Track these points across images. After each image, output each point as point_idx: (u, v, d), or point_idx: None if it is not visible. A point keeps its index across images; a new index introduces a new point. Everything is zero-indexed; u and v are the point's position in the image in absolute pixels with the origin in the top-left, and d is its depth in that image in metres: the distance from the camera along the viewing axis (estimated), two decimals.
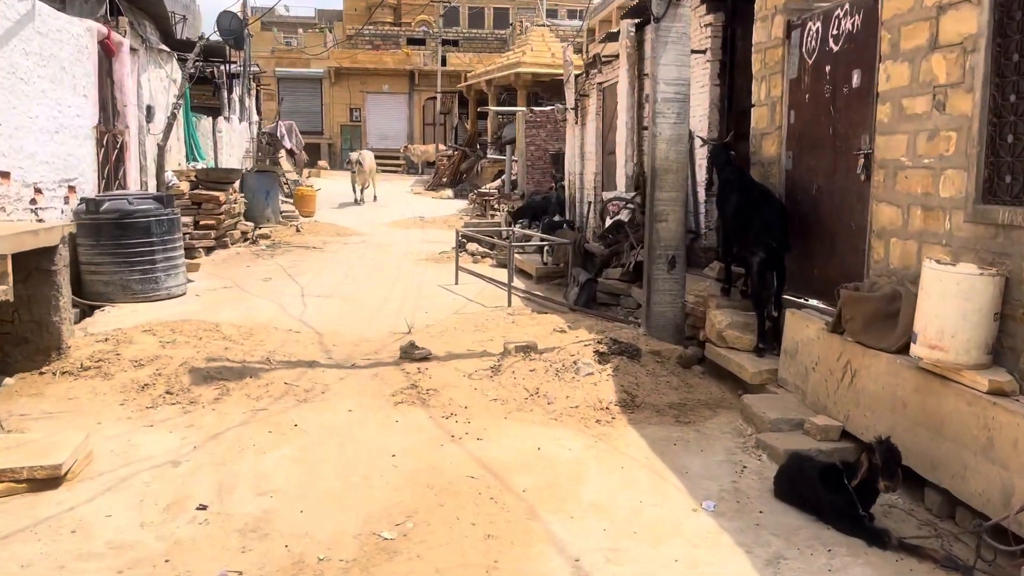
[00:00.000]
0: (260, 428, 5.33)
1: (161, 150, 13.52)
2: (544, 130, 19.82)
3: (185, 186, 14.04)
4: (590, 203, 12.95)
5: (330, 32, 43.81)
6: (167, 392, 5.88)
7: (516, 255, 12.05)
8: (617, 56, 11.36)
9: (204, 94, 19.29)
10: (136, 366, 6.26)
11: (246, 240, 15.38)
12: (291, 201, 21.00)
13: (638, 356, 6.27)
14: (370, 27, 43.38)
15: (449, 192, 28.10)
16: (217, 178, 14.50)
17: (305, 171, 29.46)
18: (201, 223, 13.67)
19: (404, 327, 8.26)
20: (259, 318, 8.63)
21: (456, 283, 11.17)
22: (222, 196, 14.03)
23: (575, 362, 6.18)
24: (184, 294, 10.06)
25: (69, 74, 9.58)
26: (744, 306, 6.48)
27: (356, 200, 22.32)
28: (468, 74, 33.02)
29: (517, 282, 11.34)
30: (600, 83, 12.63)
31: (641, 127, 10.69)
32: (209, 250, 13.65)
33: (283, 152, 26.07)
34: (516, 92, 27.46)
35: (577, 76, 13.37)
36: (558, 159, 17.76)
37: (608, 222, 10.22)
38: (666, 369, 6.25)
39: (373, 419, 5.54)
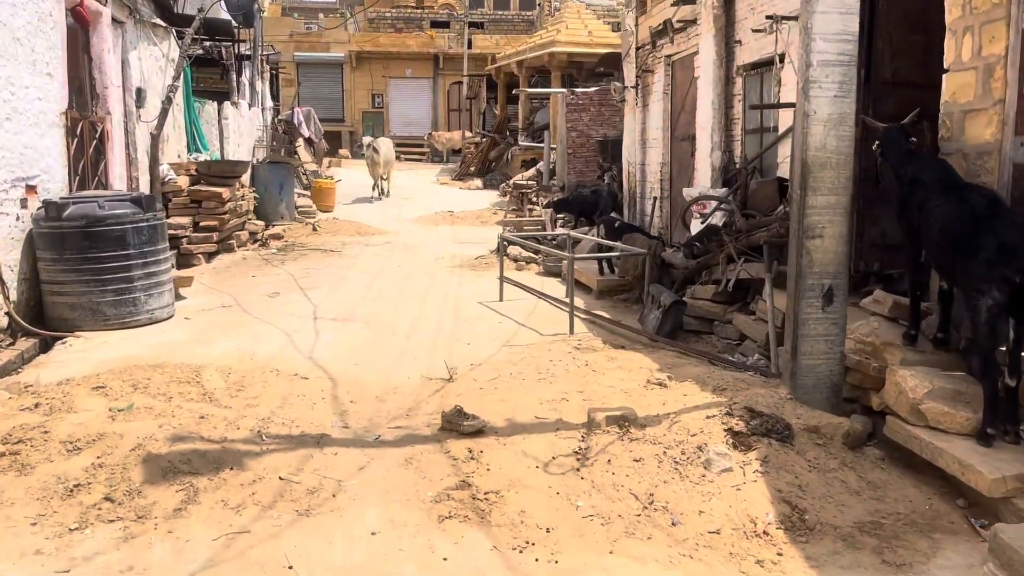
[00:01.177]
0: (236, 573, 3.43)
1: (155, 140, 11.66)
2: (587, 114, 17.78)
3: (184, 181, 12.19)
4: (655, 198, 10.95)
5: (351, 15, 41.93)
6: (106, 499, 3.99)
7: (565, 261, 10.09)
8: (695, 21, 9.32)
9: (211, 77, 17.45)
10: (70, 451, 4.39)
11: (255, 242, 13.54)
12: (309, 194, 19.17)
13: (790, 437, 4.31)
14: (392, 10, 41.49)
15: (478, 182, 26.15)
16: (221, 171, 12.65)
17: (325, 161, 27.61)
18: (202, 224, 11.82)
19: (441, 368, 6.35)
20: (259, 355, 6.74)
21: (500, 299, 9.22)
22: (226, 192, 12.17)
23: (700, 447, 4.23)
24: (170, 317, 8.21)
25: (26, 47, 7.70)
26: (943, 361, 4.48)
27: (375, 196, 20.19)
28: (496, 56, 30.97)
29: (577, 298, 9.37)
30: (670, 55, 10.58)
31: (730, 107, 8.66)
32: (211, 255, 11.81)
33: (301, 141, 24.22)
34: (550, 74, 25.38)
35: (638, 49, 11.34)
36: (606, 146, 15.73)
37: (694, 226, 8.21)
38: (833, 457, 4.28)
39: (409, 552, 3.62)
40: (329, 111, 36.81)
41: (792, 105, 6.96)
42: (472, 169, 28.38)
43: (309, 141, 25.16)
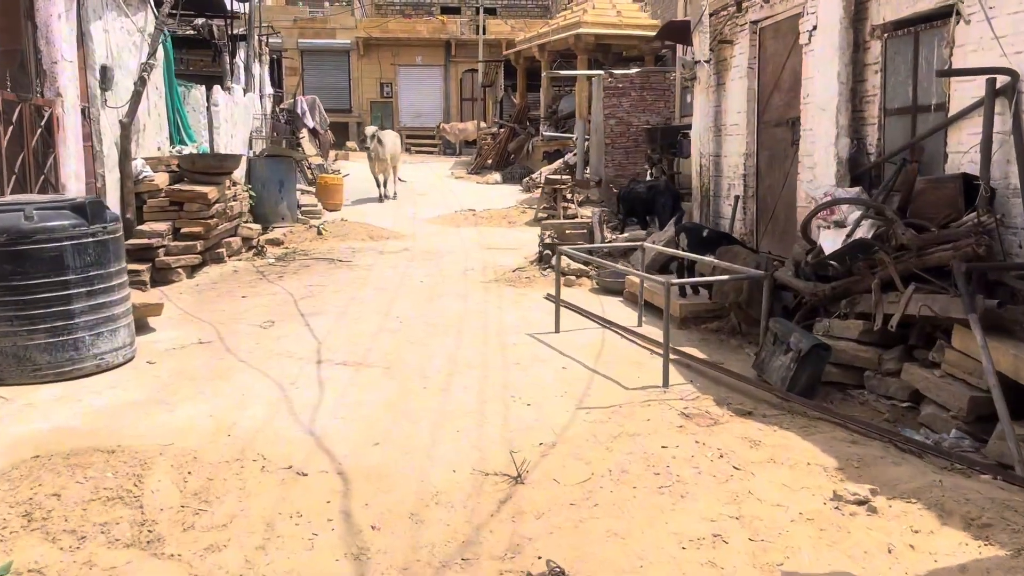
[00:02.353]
0: None
1: (126, 129, 9.68)
2: (627, 99, 15.72)
3: (162, 179, 10.20)
4: (737, 198, 8.89)
5: (358, 2, 39.86)
6: None
7: (634, 277, 8.09)
8: None
9: (202, 59, 15.46)
10: None
11: (250, 249, 11.54)
12: (313, 191, 17.17)
13: None
14: None
15: (496, 176, 24.10)
16: (207, 167, 10.65)
17: (331, 154, 25.60)
18: (183, 231, 9.83)
19: (498, 447, 4.37)
20: (239, 427, 4.77)
21: (556, 330, 7.20)
22: (213, 192, 10.18)
23: None
24: (128, 361, 6.23)
25: None
26: None
27: (381, 196, 17.77)
28: (516, 40, 28.88)
29: (649, 326, 7.35)
30: (757, 21, 8.51)
31: (860, 80, 6.60)
32: (194, 269, 9.81)
33: (305, 132, 22.18)
34: (575, 59, 23.31)
35: (712, 16, 9.25)
36: (655, 135, 13.67)
37: (824, 237, 6.17)
38: None
39: None
40: (335, 101, 34.79)
41: (1004, 71, 4.91)
42: (489, 162, 26.34)
43: (314, 132, 23.13)
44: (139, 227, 9.55)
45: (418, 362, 6.28)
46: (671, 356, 6.36)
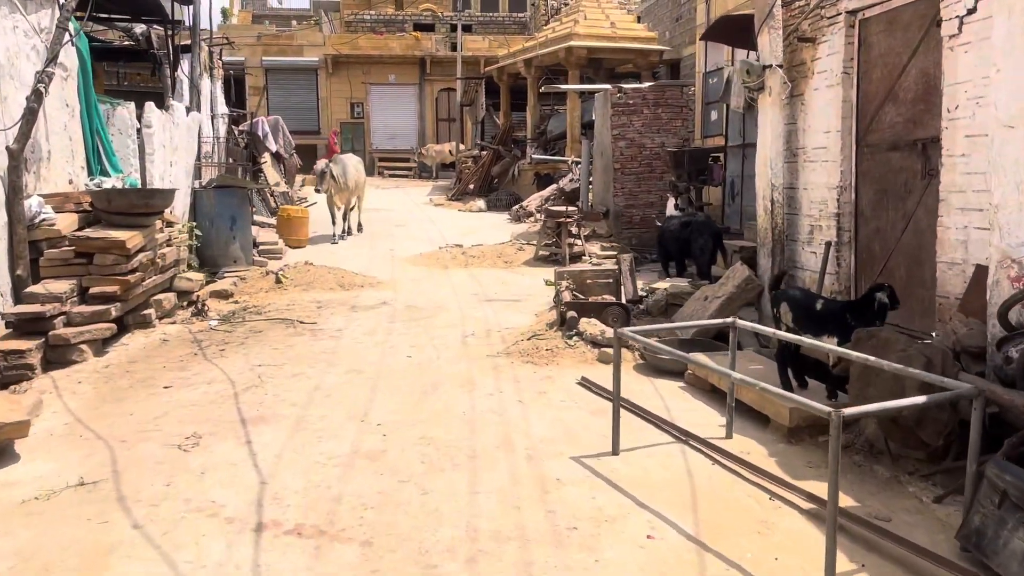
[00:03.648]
0: None
1: (14, 157, 7.34)
2: (639, 117, 13.57)
3: (67, 222, 7.84)
4: (829, 244, 6.70)
5: (326, 18, 37.68)
6: None
7: (705, 362, 5.91)
8: None
9: (139, 73, 13.08)
10: None
11: (189, 305, 9.17)
12: (274, 224, 14.82)
13: None
14: (371, 12, 37.28)
15: (480, 203, 21.87)
16: (129, 206, 8.28)
17: (297, 179, 23.25)
18: (93, 292, 7.46)
19: None
20: None
21: (615, 452, 4.91)
22: (135, 238, 7.82)
23: None
24: None
25: None
26: None
27: (340, 232, 15.01)
28: (498, 56, 26.77)
29: (743, 437, 5.12)
30: (858, 10, 6.37)
31: None
32: (107, 342, 7.43)
33: (267, 157, 19.80)
34: (565, 74, 21.23)
35: (784, 5, 7.11)
36: (681, 160, 11.52)
37: None
38: None
39: None
40: (303, 122, 32.48)
41: None
42: (471, 187, 24.11)
43: (278, 157, 20.78)
44: (30, 288, 7.18)
45: (415, 530, 3.97)
46: (803, 502, 4.13)
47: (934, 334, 5.48)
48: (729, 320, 5.01)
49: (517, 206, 19.32)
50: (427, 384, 6.39)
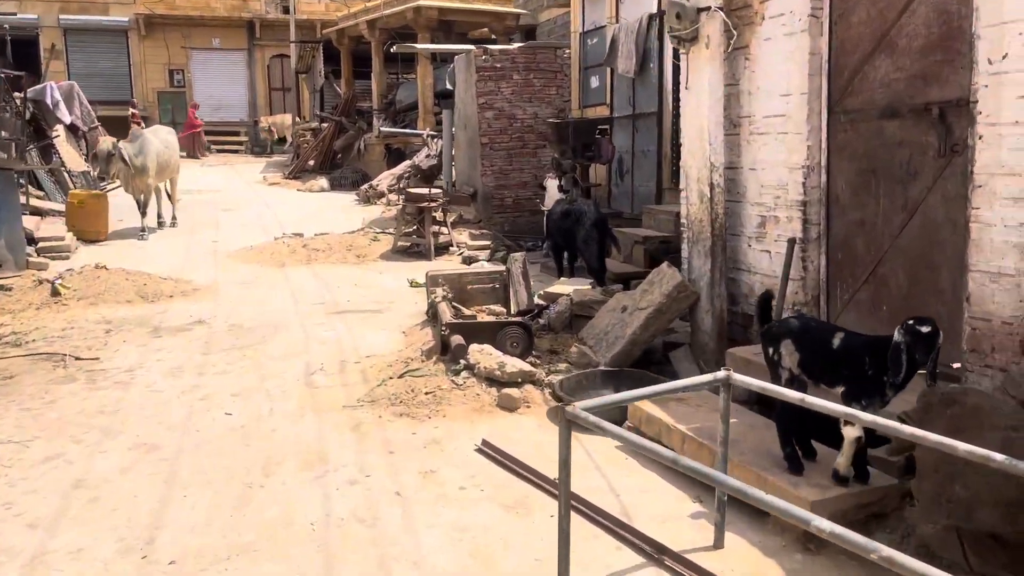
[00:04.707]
0: None
1: None
2: (508, 84, 11.73)
3: None
4: (793, 242, 5.12)
5: None
6: None
7: (689, 426, 4.20)
8: None
9: None
10: None
11: None
12: (63, 215, 11.92)
13: None
14: None
15: (322, 182, 19.46)
16: None
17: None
18: None
19: None
20: None
21: None
22: None
23: None
24: None
25: None
26: None
27: (144, 228, 11.80)
28: (337, 18, 24.09)
29: (740, 543, 3.43)
30: None
31: None
32: None
33: (60, 130, 16.46)
34: (414, 37, 19.06)
35: None
36: (565, 134, 9.76)
37: None
38: None
39: None
40: (113, 90, 28.41)
41: None
42: (312, 164, 21.59)
43: (74, 130, 17.44)
44: None
45: None
46: None
47: (957, 366, 3.99)
48: (721, 375, 3.27)
49: (366, 185, 17.11)
50: (255, 466, 4.30)
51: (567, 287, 7.12)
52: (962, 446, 2.62)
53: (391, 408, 5.08)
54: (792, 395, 3.07)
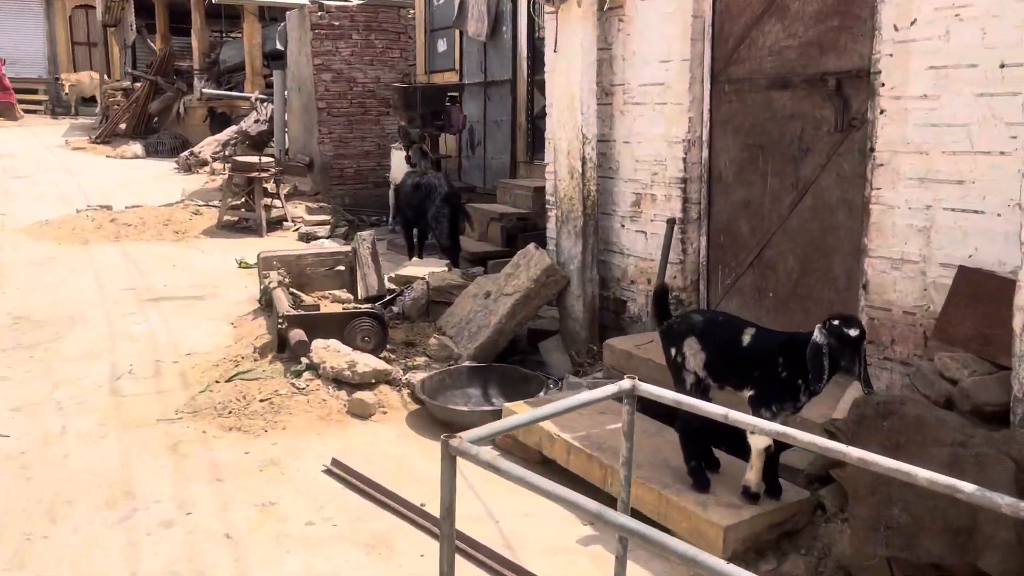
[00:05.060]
0: None
1: None
2: (347, 44, 10.77)
3: None
4: (672, 222, 4.69)
5: None
6: None
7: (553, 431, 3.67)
8: None
9: None
10: None
11: None
12: None
13: None
14: None
15: (136, 147, 17.60)
16: None
17: None
18: None
19: None
20: None
21: None
22: None
23: None
24: None
25: None
26: None
27: None
28: None
29: None
30: None
31: None
32: None
33: None
34: None
35: None
36: (412, 99, 8.95)
37: None
38: None
39: None
40: None
41: None
42: (123, 127, 19.52)
43: None
44: None
45: None
46: None
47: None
48: (626, 385, 2.74)
49: (187, 152, 15.54)
50: (37, 509, 3.38)
51: (421, 269, 6.44)
52: (902, 467, 2.21)
53: (219, 420, 4.24)
54: (715, 410, 2.58)
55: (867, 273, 3.76)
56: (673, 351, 3.26)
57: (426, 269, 6.44)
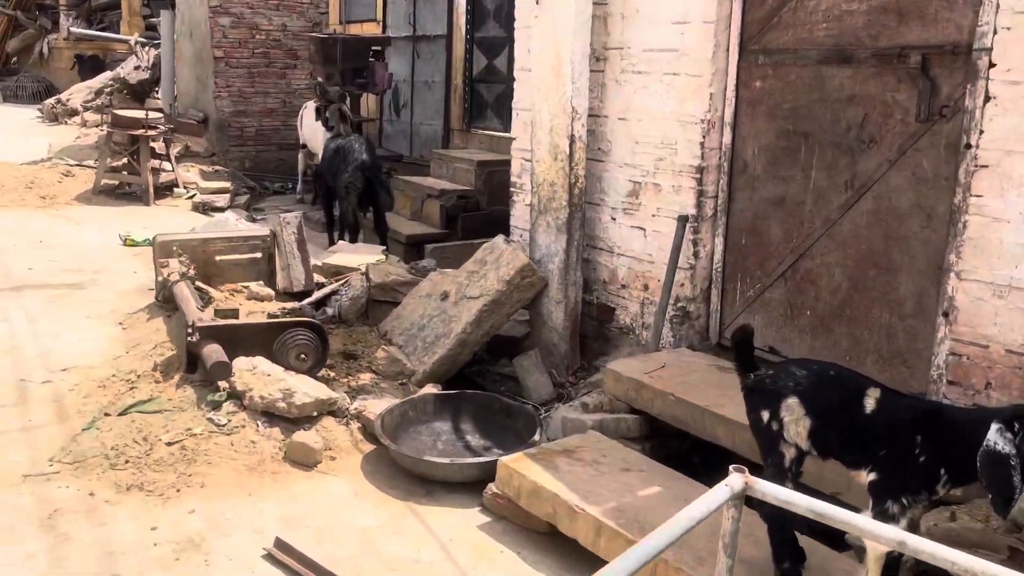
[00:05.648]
0: None
1: None
2: None
3: None
4: (683, 220, 3.88)
5: None
6: None
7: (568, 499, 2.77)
8: None
9: None
10: None
11: None
12: None
13: None
14: None
15: None
16: None
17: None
18: None
19: None
20: None
21: None
22: None
23: None
24: None
25: None
26: None
27: None
28: None
29: None
30: None
31: None
32: None
33: None
34: None
35: None
36: (332, 53, 7.69)
37: None
38: None
39: None
40: None
41: None
42: None
43: None
44: None
45: None
46: None
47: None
48: (737, 485, 1.90)
49: (53, 99, 13.67)
50: None
51: (353, 257, 5.41)
52: None
53: (111, 475, 3.16)
54: (888, 534, 1.77)
55: (954, 299, 3.06)
56: (766, 415, 2.44)
57: (359, 257, 5.41)
